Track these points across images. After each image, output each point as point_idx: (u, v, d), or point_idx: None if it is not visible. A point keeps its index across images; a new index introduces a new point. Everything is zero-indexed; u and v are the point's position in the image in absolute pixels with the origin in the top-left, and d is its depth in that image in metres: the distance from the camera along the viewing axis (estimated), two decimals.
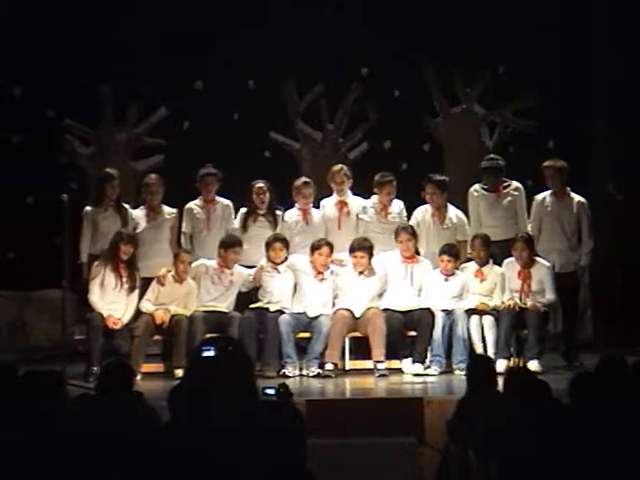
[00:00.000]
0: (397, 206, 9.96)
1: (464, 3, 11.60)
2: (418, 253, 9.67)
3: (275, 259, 9.47)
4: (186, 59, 11.55)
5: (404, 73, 11.80)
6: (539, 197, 9.74)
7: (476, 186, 9.91)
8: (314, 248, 9.50)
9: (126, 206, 9.76)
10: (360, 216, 9.92)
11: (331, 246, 9.52)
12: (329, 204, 10.00)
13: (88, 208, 9.63)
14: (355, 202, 10.00)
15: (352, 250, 9.49)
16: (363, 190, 10.03)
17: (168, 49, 11.50)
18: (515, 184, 9.85)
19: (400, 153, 12.00)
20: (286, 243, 9.54)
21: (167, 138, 11.81)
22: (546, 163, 9.70)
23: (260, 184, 9.84)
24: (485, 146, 11.13)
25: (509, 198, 9.81)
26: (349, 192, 10.04)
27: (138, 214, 9.80)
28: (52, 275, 9.46)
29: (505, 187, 9.83)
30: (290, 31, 11.57)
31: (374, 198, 9.94)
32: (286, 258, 9.54)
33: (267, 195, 9.81)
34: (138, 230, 9.72)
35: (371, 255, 9.48)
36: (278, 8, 11.64)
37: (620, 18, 11.43)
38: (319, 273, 9.52)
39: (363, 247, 9.47)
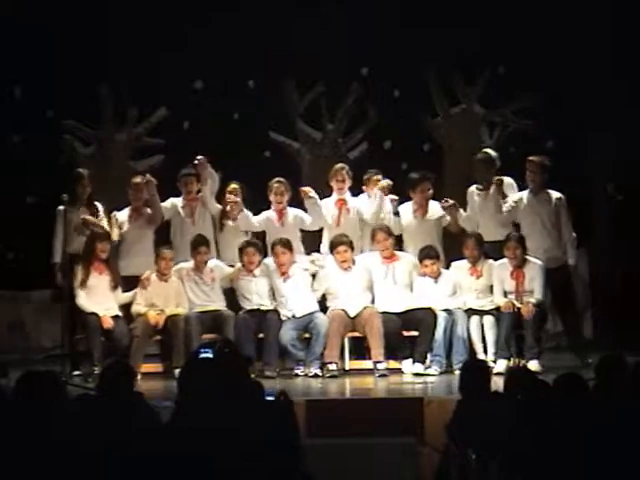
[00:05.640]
0: (391, 205, 9.95)
1: (464, 3, 11.60)
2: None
3: (249, 265, 9.47)
4: (186, 59, 11.55)
5: (404, 73, 11.79)
6: (517, 196, 9.69)
7: (473, 186, 9.92)
8: (271, 249, 9.55)
9: (98, 204, 9.68)
10: (363, 217, 9.93)
11: (289, 246, 9.48)
12: (329, 203, 10.00)
13: (61, 207, 9.42)
14: (354, 201, 10.00)
15: (334, 247, 9.50)
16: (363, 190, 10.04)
17: (168, 49, 11.50)
18: (506, 180, 9.79)
19: (400, 153, 11.99)
20: (259, 247, 9.54)
21: (167, 138, 11.81)
22: (530, 158, 9.65)
23: (234, 185, 9.83)
24: (485, 146, 11.10)
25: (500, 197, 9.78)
26: (348, 192, 10.04)
27: (122, 214, 9.78)
28: (52, 275, 9.46)
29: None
30: (290, 31, 11.56)
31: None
32: (260, 261, 9.54)
33: (239, 196, 9.77)
34: (123, 230, 9.72)
35: (352, 249, 9.52)
36: (278, 7, 11.63)
37: (620, 18, 11.42)
38: (283, 273, 9.52)
39: (344, 242, 9.49)
